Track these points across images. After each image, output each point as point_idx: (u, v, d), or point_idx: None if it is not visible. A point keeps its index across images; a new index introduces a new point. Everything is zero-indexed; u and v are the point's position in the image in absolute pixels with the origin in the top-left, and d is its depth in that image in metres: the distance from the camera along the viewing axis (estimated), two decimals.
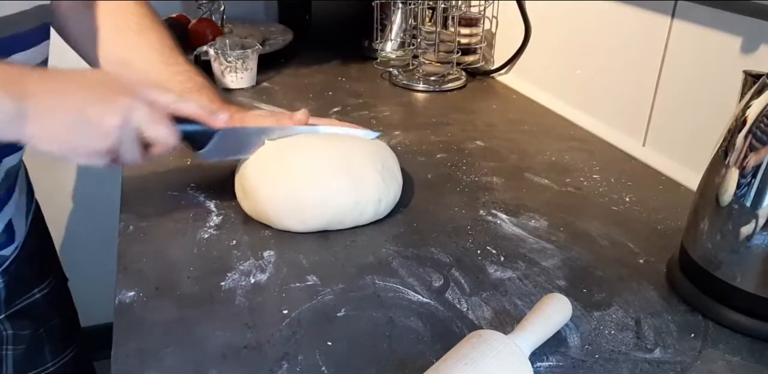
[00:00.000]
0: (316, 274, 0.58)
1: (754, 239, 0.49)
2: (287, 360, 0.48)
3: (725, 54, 0.70)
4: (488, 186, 0.76)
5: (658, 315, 0.54)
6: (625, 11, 0.85)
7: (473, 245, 0.64)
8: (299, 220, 0.64)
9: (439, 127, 0.94)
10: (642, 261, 0.61)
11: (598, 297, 0.56)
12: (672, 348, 0.50)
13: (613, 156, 0.86)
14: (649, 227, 0.67)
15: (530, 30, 1.07)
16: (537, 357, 0.48)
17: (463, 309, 0.54)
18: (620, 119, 0.89)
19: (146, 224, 0.66)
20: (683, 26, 0.76)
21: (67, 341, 0.86)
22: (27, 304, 0.78)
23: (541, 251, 0.63)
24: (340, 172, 0.64)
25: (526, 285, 0.58)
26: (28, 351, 0.79)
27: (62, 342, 0.85)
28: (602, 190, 0.75)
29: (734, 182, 0.50)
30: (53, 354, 0.83)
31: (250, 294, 0.55)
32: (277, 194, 0.63)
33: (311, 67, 1.20)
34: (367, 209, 0.65)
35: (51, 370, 0.83)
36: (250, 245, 0.62)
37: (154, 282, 0.57)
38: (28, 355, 0.79)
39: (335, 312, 0.53)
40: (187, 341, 0.50)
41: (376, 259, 0.61)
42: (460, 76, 1.14)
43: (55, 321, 0.83)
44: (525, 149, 0.87)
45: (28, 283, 0.79)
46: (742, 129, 0.49)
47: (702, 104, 0.75)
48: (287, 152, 0.66)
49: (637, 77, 0.84)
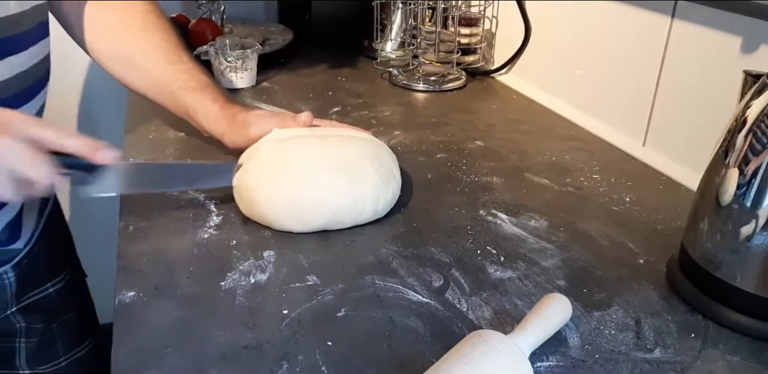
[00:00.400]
0: (316, 274, 0.58)
1: (754, 239, 0.49)
2: (287, 360, 0.48)
3: (725, 54, 0.70)
4: (488, 186, 0.76)
5: (658, 315, 0.54)
6: (625, 11, 0.85)
7: (473, 245, 0.64)
8: (298, 220, 0.64)
9: (439, 127, 0.94)
10: (642, 261, 0.61)
11: (598, 297, 0.56)
12: (672, 348, 0.50)
13: (613, 156, 0.86)
14: (649, 227, 0.67)
15: (530, 30, 1.07)
16: (537, 357, 0.48)
17: (463, 309, 0.54)
18: (620, 119, 0.89)
19: (146, 224, 0.66)
20: (683, 26, 0.76)
21: (82, 336, 0.86)
22: (39, 298, 0.78)
23: (541, 251, 0.63)
24: (338, 172, 0.64)
25: (526, 285, 0.58)
26: (40, 344, 0.79)
27: (77, 337, 0.85)
28: (602, 190, 0.75)
29: (734, 182, 0.50)
30: (66, 348, 0.84)
31: (250, 294, 0.55)
32: (275, 194, 0.63)
33: (311, 67, 1.20)
34: (366, 209, 0.65)
35: (63, 364, 0.83)
36: (250, 245, 0.62)
37: (154, 282, 0.57)
38: (40, 348, 0.80)
39: (335, 312, 0.53)
40: (187, 341, 0.50)
41: (376, 259, 0.61)
42: (460, 76, 1.14)
43: (69, 316, 0.83)
44: (525, 149, 0.87)
45: (41, 277, 0.79)
46: (742, 129, 0.49)
47: (702, 104, 0.75)
48: (284, 152, 0.66)
49: (637, 77, 0.84)
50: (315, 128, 0.73)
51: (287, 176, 0.64)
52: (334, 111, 0.99)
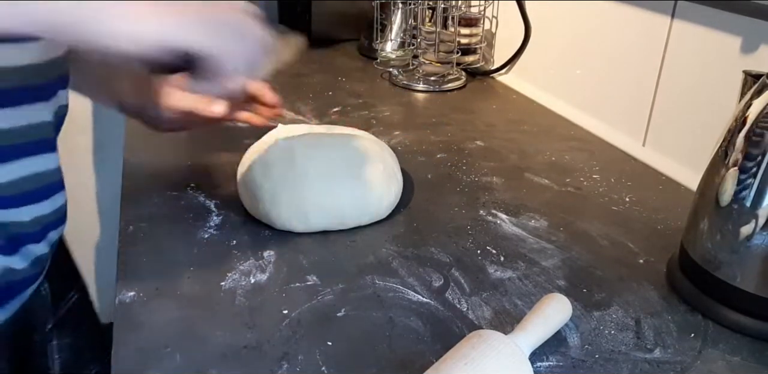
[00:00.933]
0: (316, 274, 0.58)
1: (754, 239, 0.49)
2: (287, 360, 0.48)
3: (725, 54, 0.70)
4: (488, 186, 0.76)
5: (658, 315, 0.54)
6: (625, 11, 0.85)
7: (473, 245, 0.64)
8: (302, 220, 0.63)
9: (439, 127, 0.94)
10: (642, 261, 0.61)
11: (598, 297, 0.56)
12: (672, 348, 0.50)
13: (613, 156, 0.86)
14: (649, 227, 0.67)
15: (530, 30, 1.07)
16: (537, 357, 0.48)
17: (463, 309, 0.54)
18: (620, 119, 0.89)
19: (146, 224, 0.66)
20: (683, 26, 0.76)
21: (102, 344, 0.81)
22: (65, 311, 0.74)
23: (541, 251, 0.63)
24: (345, 172, 0.64)
25: (526, 285, 0.58)
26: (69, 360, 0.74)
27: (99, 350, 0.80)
28: (602, 190, 0.75)
29: (734, 182, 0.50)
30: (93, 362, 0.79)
31: (250, 294, 0.55)
32: (281, 193, 0.63)
33: (311, 67, 1.20)
34: (369, 210, 0.65)
35: None
36: (250, 245, 0.62)
37: (154, 282, 0.57)
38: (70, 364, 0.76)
39: (335, 312, 0.53)
40: (187, 341, 0.50)
41: (376, 259, 0.61)
42: (460, 76, 1.14)
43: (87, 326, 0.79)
44: (525, 149, 0.87)
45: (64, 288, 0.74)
46: (742, 129, 0.49)
47: (702, 104, 0.75)
48: (292, 150, 0.66)
49: (637, 77, 0.84)
50: (321, 126, 0.73)
51: (294, 176, 0.64)
52: (334, 111, 0.99)
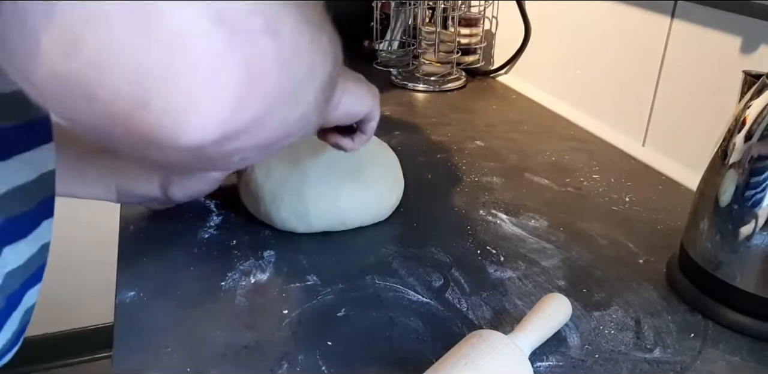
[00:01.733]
0: (316, 274, 0.58)
1: (754, 239, 0.49)
2: (287, 360, 0.48)
3: (725, 54, 0.70)
4: (488, 186, 0.76)
5: (658, 314, 0.54)
6: (625, 11, 0.85)
7: (473, 245, 0.64)
8: (303, 221, 0.63)
9: (439, 127, 0.94)
10: (642, 261, 0.61)
11: (598, 297, 0.56)
12: (672, 348, 0.50)
13: (613, 156, 0.86)
14: (649, 227, 0.67)
15: (530, 30, 1.07)
16: (537, 357, 0.48)
17: (463, 309, 0.54)
18: (620, 119, 0.89)
19: (146, 225, 0.66)
20: (683, 26, 0.76)
21: None
22: None
23: (541, 251, 0.63)
24: (348, 174, 0.64)
25: (526, 284, 0.58)
26: None
27: None
28: (602, 190, 0.75)
29: (734, 182, 0.50)
30: None
31: (250, 294, 0.55)
32: (282, 194, 0.63)
33: None
34: (370, 211, 0.65)
35: None
36: (250, 245, 0.62)
37: (154, 282, 0.57)
38: None
39: (335, 311, 0.53)
40: (187, 341, 0.50)
41: (376, 259, 0.61)
42: (460, 76, 1.14)
43: None
44: (525, 149, 0.87)
45: None
46: (742, 129, 0.49)
47: (702, 104, 0.75)
48: (294, 151, 0.66)
49: (637, 77, 0.84)
50: None
51: (295, 176, 0.64)
52: None
